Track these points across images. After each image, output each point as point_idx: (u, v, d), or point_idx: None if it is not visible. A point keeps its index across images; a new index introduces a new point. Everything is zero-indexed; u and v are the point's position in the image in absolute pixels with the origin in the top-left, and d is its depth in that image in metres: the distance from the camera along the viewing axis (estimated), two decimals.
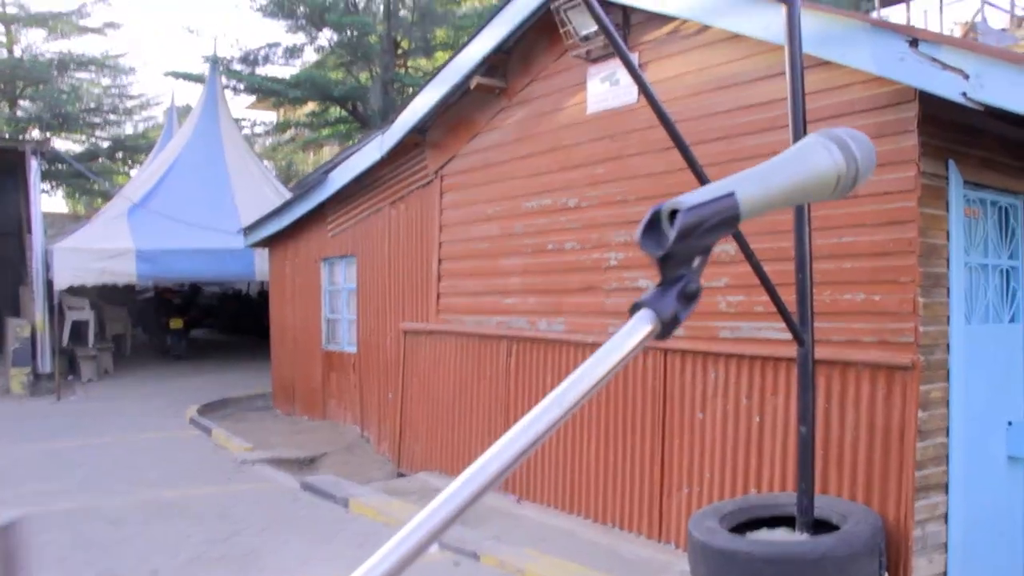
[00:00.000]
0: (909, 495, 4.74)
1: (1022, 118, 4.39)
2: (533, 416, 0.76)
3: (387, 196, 9.71)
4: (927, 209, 4.83)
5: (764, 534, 4.78)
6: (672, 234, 0.76)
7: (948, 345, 4.94)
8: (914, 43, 4.43)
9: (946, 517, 4.93)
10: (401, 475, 9.01)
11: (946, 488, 4.92)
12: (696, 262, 0.79)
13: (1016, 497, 5.47)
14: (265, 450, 9.66)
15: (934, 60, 4.35)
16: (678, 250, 0.76)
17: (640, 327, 0.78)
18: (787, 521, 4.86)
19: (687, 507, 5.91)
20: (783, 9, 4.47)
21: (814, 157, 0.86)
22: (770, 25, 5.10)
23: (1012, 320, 5.51)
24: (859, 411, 5.01)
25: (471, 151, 8.31)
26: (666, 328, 0.78)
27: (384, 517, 6.61)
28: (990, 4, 17.03)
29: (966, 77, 4.22)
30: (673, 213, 0.76)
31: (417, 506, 6.99)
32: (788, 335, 4.82)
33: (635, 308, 0.78)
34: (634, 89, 6.42)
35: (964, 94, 4.25)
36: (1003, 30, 14.34)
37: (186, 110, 23.10)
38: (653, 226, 0.78)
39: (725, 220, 0.78)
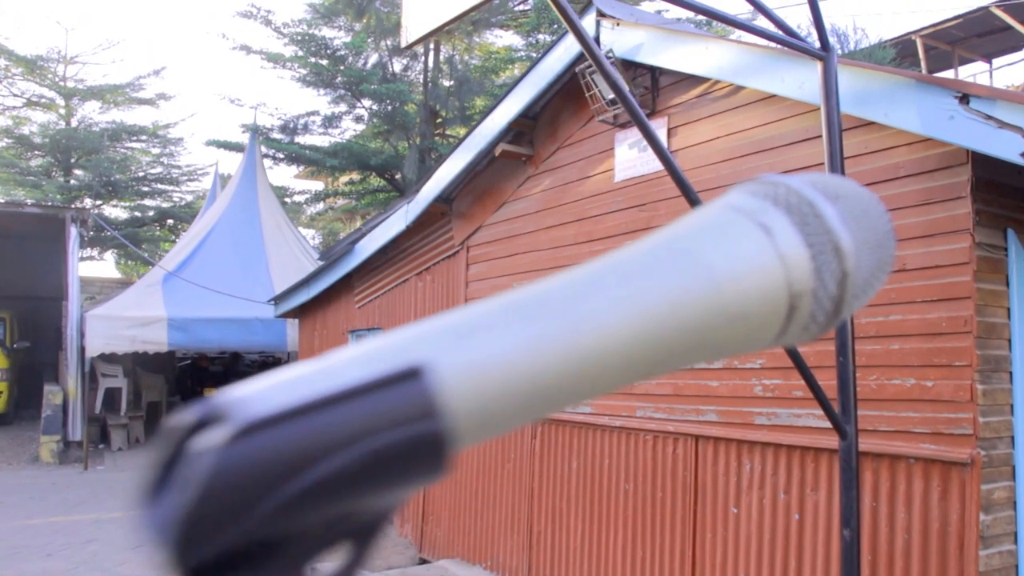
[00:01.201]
0: None
1: None
2: None
3: (413, 267, 9.36)
4: (984, 284, 4.33)
5: None
6: (179, 516, 0.30)
7: (1013, 438, 4.39)
8: (964, 99, 3.97)
9: None
10: (423, 561, 8.51)
11: None
12: (340, 568, 0.33)
13: None
14: None
15: (988, 118, 3.88)
16: (233, 552, 0.30)
17: None
18: None
19: None
20: (818, 66, 4.07)
21: (723, 250, 0.39)
22: (805, 84, 4.69)
23: None
24: (911, 512, 4.45)
25: (497, 221, 7.95)
26: None
27: None
28: None
29: None
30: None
31: None
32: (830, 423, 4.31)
33: None
34: None
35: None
36: None
37: (230, 180, 23.26)
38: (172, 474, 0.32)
39: (394, 453, 0.32)
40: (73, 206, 22.72)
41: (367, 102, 20.35)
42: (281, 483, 0.30)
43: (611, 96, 6.38)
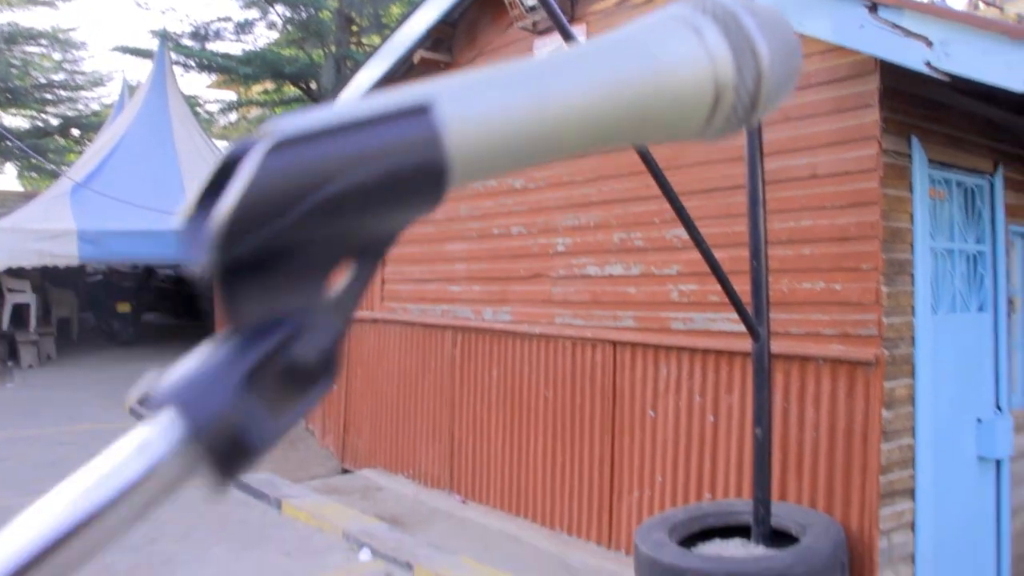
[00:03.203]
0: (873, 502, 4.39)
1: (989, 93, 4.03)
2: None
3: None
4: (890, 190, 4.47)
5: (717, 546, 4.42)
6: (226, 211, 0.34)
7: (913, 337, 4.59)
8: (873, 8, 4.04)
9: (913, 525, 4.58)
10: (345, 471, 8.59)
11: (913, 494, 4.57)
12: (346, 283, 0.37)
13: (987, 501, 5.14)
14: None
15: (896, 26, 3.96)
16: (261, 253, 0.35)
17: (148, 453, 0.37)
18: (742, 531, 4.50)
19: (637, 512, 5.54)
20: None
21: (664, 45, 0.45)
22: None
23: (980, 309, 5.17)
24: (819, 410, 4.65)
25: None
26: (218, 458, 0.36)
27: (317, 521, 6.18)
28: None
29: (930, 45, 3.84)
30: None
31: (351, 510, 6.58)
32: (744, 326, 4.45)
33: (150, 404, 0.37)
34: None
35: (928, 63, 3.87)
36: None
37: (139, 87, 22.39)
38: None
39: (402, 176, 0.36)
40: None
41: (280, 8, 19.70)
42: (307, 191, 0.34)
43: (531, 2, 6.31)
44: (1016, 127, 5.32)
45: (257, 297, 0.36)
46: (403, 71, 7.79)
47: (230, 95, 26.33)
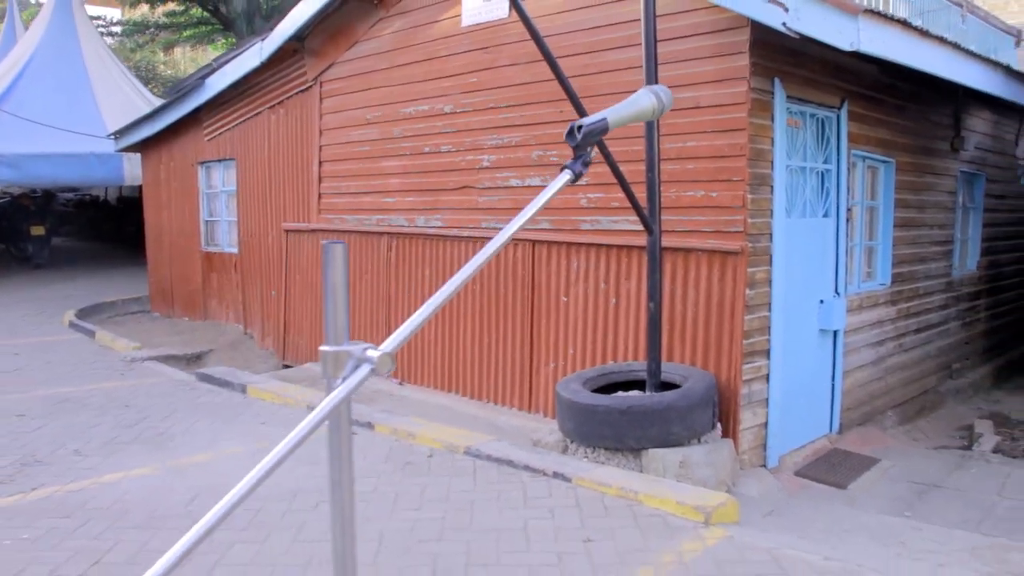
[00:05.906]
0: (738, 360, 5.69)
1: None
2: (497, 240, 1.43)
3: (266, 101, 10.03)
4: (756, 119, 5.66)
5: (620, 394, 5.68)
6: (580, 136, 1.44)
7: (771, 235, 5.85)
8: None
9: (768, 378, 5.92)
10: (287, 367, 9.59)
11: (768, 354, 5.91)
12: (590, 149, 1.48)
13: (824, 362, 6.55)
14: (152, 348, 9.98)
15: None
16: (583, 142, 1.44)
17: (563, 177, 1.46)
18: (639, 384, 5.77)
19: (554, 380, 6.76)
20: None
21: (644, 100, 1.56)
22: None
23: (825, 215, 6.49)
24: (698, 291, 5.91)
25: (350, 59, 8.75)
26: (576, 178, 1.47)
27: (282, 399, 7.22)
28: None
29: (786, 10, 5.03)
30: (579, 127, 1.45)
31: (310, 390, 7.63)
32: (640, 226, 5.64)
33: (563, 168, 1.47)
34: (505, 4, 7.01)
35: (784, 24, 5.06)
36: None
37: (27, 4, 22.07)
38: (570, 131, 1.46)
39: (603, 129, 1.46)
40: None
41: None
42: (592, 131, 1.46)
43: None
44: (859, 70, 6.61)
45: (581, 149, 1.46)
46: (337, 4, 8.63)
47: (112, 12, 25.97)
